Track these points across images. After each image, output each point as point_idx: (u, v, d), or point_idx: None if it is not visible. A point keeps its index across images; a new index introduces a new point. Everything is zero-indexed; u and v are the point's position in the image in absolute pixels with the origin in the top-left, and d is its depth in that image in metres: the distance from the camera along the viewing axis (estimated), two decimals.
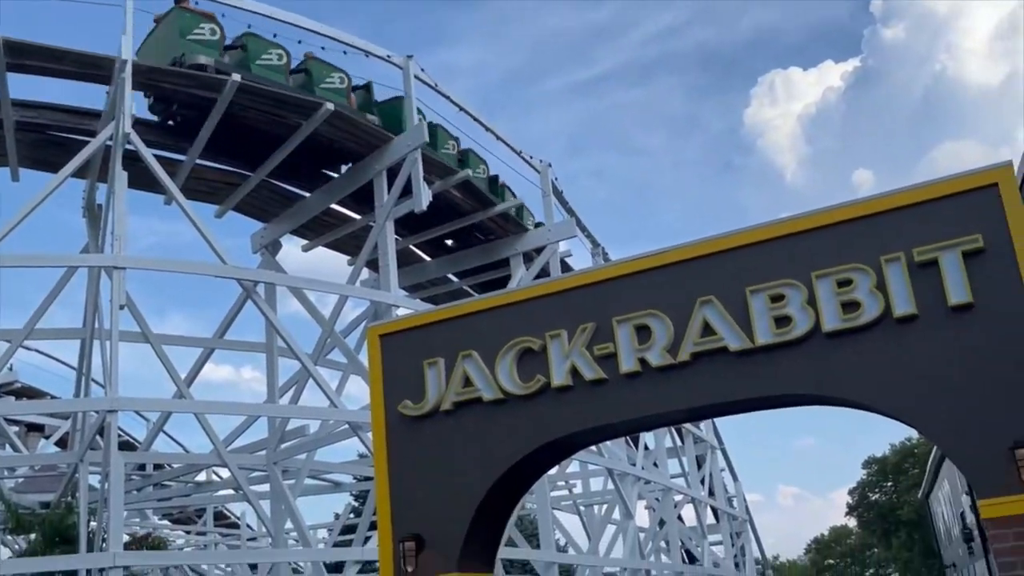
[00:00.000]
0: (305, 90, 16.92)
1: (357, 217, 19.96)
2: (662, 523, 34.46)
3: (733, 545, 40.13)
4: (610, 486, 30.18)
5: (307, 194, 19.08)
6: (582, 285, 7.63)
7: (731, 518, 40.51)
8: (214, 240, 15.41)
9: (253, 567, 27.17)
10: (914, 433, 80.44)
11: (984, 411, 6.12)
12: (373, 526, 10.51)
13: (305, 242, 20.71)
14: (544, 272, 21.13)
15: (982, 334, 6.22)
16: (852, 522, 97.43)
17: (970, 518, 24.42)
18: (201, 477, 27.01)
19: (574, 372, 7.40)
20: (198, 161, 17.31)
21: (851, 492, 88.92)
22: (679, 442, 36.48)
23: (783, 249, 6.93)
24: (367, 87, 18.65)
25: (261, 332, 19.31)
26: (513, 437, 7.54)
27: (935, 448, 31.76)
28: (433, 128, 18.87)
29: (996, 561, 5.93)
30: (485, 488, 7.51)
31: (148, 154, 15.14)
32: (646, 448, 33.12)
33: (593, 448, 27.87)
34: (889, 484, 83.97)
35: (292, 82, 16.93)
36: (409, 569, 7.43)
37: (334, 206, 19.49)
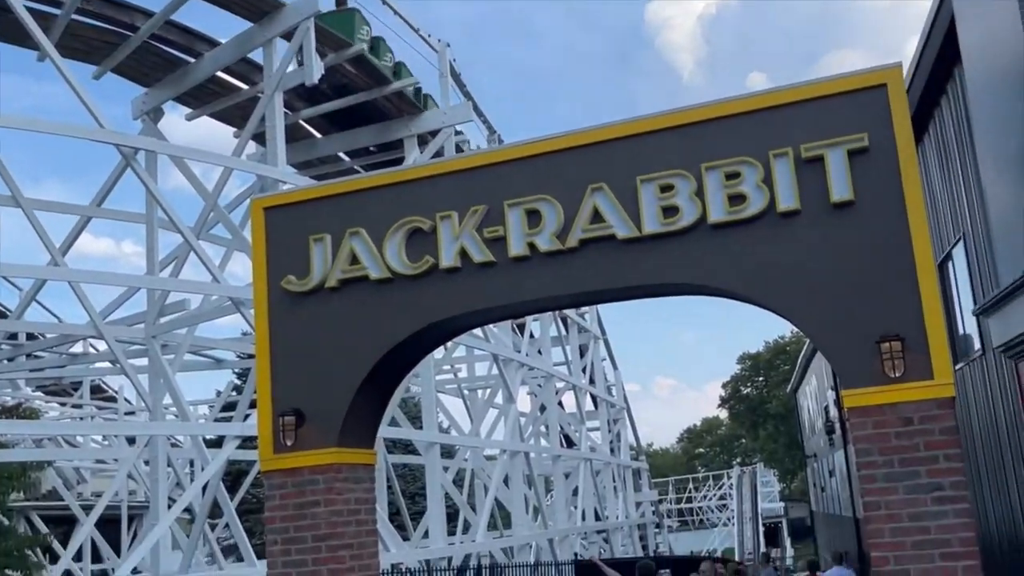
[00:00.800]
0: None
1: (245, 87, 19.24)
2: (543, 408, 35.35)
3: (610, 432, 41.54)
4: (494, 371, 30.72)
5: (192, 59, 18.25)
6: (474, 167, 7.53)
7: (609, 406, 41.80)
8: (91, 101, 14.65)
9: (130, 441, 26.85)
10: (787, 331, 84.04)
11: (855, 306, 6.35)
12: (254, 404, 10.45)
13: (189, 111, 19.88)
14: (439, 156, 20.88)
15: (860, 232, 6.41)
16: (723, 414, 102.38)
17: (833, 412, 25.77)
18: (77, 349, 26.31)
19: (463, 254, 7.36)
20: (74, 17, 16.31)
21: (724, 385, 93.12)
22: (563, 331, 37.18)
23: (674, 140, 6.95)
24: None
25: (142, 203, 18.65)
26: (399, 317, 7.50)
27: (806, 345, 33.20)
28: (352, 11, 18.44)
29: (855, 447, 6.25)
30: (368, 366, 7.49)
31: (18, 4, 14.17)
32: (531, 336, 33.70)
33: (479, 334, 28.23)
34: (760, 379, 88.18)
35: None
36: (288, 443, 7.42)
37: (221, 74, 18.71)
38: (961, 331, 12.84)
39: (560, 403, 37.00)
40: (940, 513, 5.99)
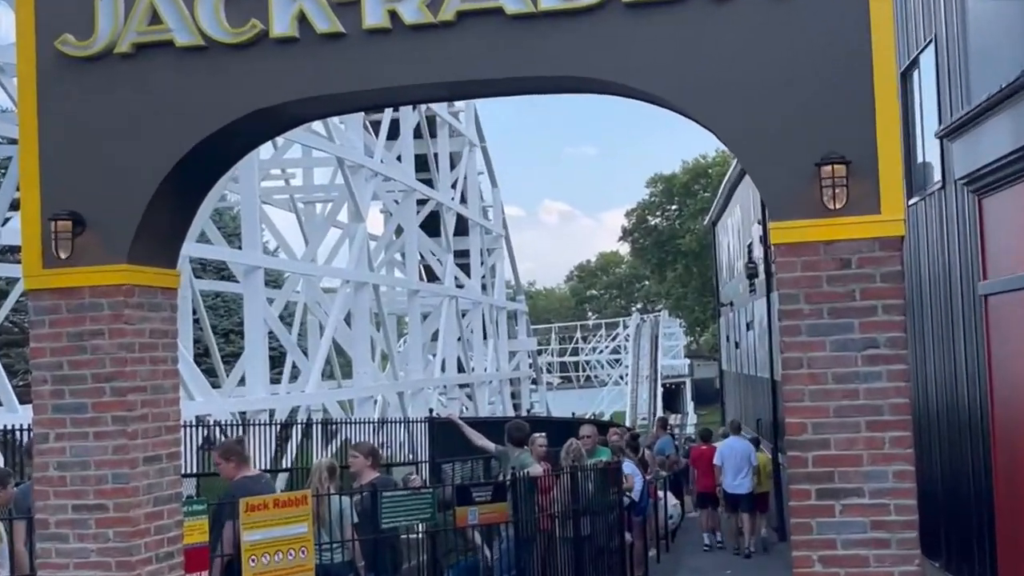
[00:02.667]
0: None
1: None
2: (399, 231, 35.48)
3: (483, 264, 42.09)
4: (338, 180, 30.58)
5: None
6: None
7: (484, 232, 42.28)
8: None
9: None
10: (711, 151, 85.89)
11: (795, 118, 6.51)
12: (17, 205, 10.19)
13: None
14: None
15: (810, 27, 6.49)
16: (625, 249, 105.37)
17: (758, 251, 26.66)
18: None
19: (302, 20, 7.17)
20: None
21: (628, 214, 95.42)
22: (431, 134, 37.00)
23: None
24: None
25: None
26: (214, 98, 7.34)
27: (732, 167, 33.97)
28: None
29: (779, 293, 6.52)
30: (171, 161, 7.36)
31: None
32: (389, 138, 33.40)
33: (320, 130, 27.92)
34: (674, 208, 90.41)
35: None
36: (63, 255, 7.30)
37: None
38: (920, 158, 13.34)
39: (422, 225, 37.17)
40: (871, 375, 6.36)
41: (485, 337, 41.96)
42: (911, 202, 13.34)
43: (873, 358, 6.36)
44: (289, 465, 19.28)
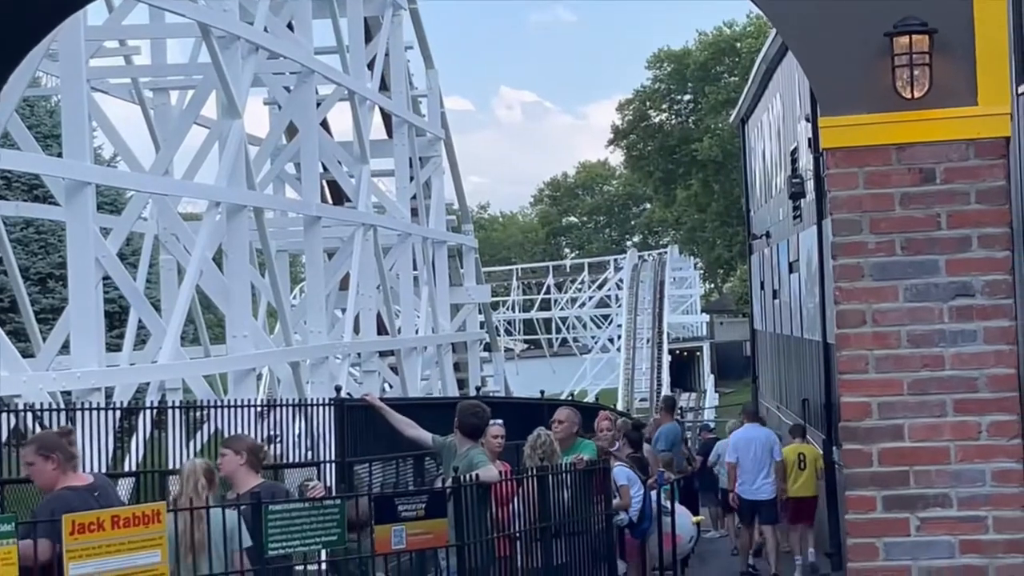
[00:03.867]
0: None
1: None
2: (292, 132, 35.25)
3: (413, 180, 41.85)
4: (203, 59, 30.23)
5: None
6: None
7: (415, 133, 41.99)
8: None
9: None
10: (740, 16, 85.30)
11: None
12: None
13: None
14: None
15: None
16: (616, 158, 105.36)
17: (805, 159, 26.63)
18: None
19: None
20: None
21: (622, 107, 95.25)
22: None
23: None
24: None
25: None
26: None
27: (770, 40, 33.81)
28: None
29: (832, 218, 6.51)
30: None
31: None
32: None
33: None
34: (686, 98, 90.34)
35: None
36: None
37: None
38: None
39: (324, 123, 36.94)
40: (963, 334, 6.37)
41: (416, 284, 41.87)
42: (1021, 90, 13.39)
43: (966, 311, 6.35)
44: (134, 467, 19.21)
